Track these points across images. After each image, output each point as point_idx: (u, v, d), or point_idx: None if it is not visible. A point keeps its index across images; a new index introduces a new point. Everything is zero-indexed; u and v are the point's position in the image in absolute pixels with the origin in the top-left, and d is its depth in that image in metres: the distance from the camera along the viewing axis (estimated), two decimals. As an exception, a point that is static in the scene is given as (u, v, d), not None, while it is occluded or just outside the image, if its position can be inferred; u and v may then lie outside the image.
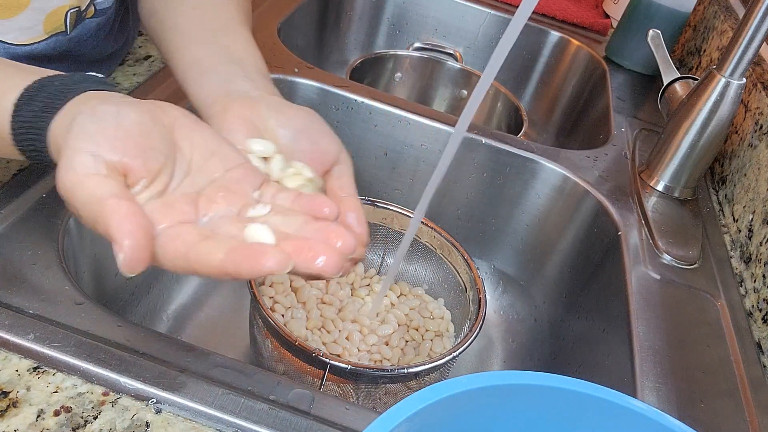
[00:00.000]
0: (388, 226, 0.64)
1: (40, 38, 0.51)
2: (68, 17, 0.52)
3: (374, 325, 0.58)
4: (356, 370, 0.48)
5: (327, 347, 0.55)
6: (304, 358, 0.49)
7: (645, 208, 0.68)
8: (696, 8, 1.04)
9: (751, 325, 0.58)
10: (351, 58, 1.11)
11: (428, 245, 0.63)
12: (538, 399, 0.30)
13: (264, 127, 0.42)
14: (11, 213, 0.47)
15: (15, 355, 0.39)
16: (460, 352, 0.51)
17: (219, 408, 0.38)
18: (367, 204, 0.63)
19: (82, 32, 0.54)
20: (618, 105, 0.89)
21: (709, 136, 0.68)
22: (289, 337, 0.48)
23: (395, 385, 0.52)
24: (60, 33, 0.52)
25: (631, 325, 0.54)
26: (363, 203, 0.62)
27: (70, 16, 0.52)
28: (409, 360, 0.57)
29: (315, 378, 0.50)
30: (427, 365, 0.49)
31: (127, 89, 0.64)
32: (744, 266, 0.64)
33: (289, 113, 0.43)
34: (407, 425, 0.26)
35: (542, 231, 0.75)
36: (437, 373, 0.53)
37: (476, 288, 0.57)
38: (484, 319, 0.54)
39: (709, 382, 0.51)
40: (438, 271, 0.64)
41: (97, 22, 0.55)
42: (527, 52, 1.08)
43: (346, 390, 0.52)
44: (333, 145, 0.43)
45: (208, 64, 0.47)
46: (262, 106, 0.43)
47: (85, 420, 0.37)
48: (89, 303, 0.43)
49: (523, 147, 0.73)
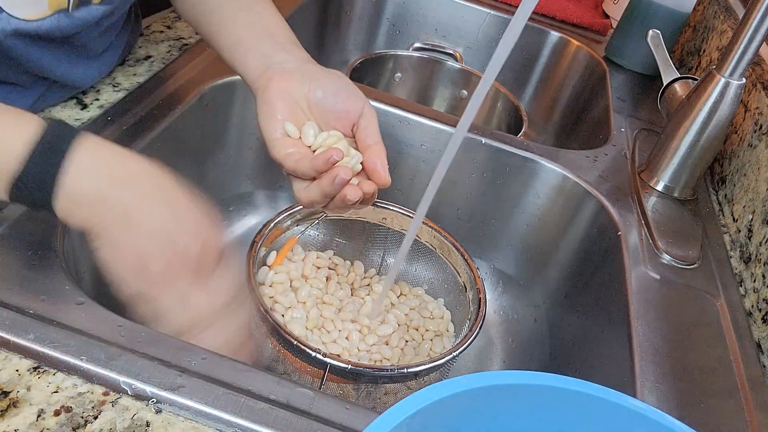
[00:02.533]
0: (388, 226, 0.64)
1: (45, 14, 0.51)
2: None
3: (374, 325, 0.58)
4: (356, 369, 0.48)
5: (326, 347, 0.55)
6: (304, 358, 0.49)
7: (645, 208, 0.68)
8: (696, 8, 1.04)
9: (750, 325, 0.58)
10: (351, 58, 1.11)
11: (428, 245, 0.63)
12: (538, 399, 0.30)
13: (299, 95, 0.51)
14: (11, 213, 0.47)
15: (15, 355, 0.39)
16: (460, 352, 0.51)
17: (219, 408, 0.38)
18: (366, 204, 0.63)
19: (88, 17, 0.54)
20: (618, 105, 0.90)
21: (709, 136, 0.68)
22: (289, 336, 0.48)
23: (395, 385, 0.52)
24: (62, 10, 0.52)
25: (631, 325, 0.54)
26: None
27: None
28: (409, 360, 0.57)
29: (315, 378, 0.50)
30: (427, 365, 0.49)
31: (128, 89, 0.64)
32: (744, 266, 0.64)
33: (322, 79, 0.51)
34: (407, 425, 0.26)
35: (542, 231, 0.75)
36: (437, 373, 0.53)
37: (476, 288, 0.57)
38: (484, 319, 0.54)
39: (708, 382, 0.51)
40: (438, 271, 0.64)
41: (104, 10, 0.56)
42: (527, 52, 1.08)
43: (346, 390, 0.52)
44: (359, 102, 0.52)
45: (248, 44, 0.54)
46: (297, 76, 0.51)
47: (85, 420, 0.37)
48: (89, 303, 0.43)
49: (522, 147, 0.73)
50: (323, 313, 0.58)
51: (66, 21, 0.53)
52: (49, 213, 0.40)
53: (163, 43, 0.73)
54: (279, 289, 0.58)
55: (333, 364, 0.47)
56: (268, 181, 0.80)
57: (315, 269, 0.62)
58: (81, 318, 0.41)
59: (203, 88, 0.67)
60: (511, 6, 1.10)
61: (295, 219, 0.60)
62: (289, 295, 0.58)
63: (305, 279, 0.61)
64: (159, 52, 0.71)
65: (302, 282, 0.60)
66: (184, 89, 0.66)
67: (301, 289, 0.59)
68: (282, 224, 0.59)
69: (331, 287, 0.61)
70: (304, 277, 0.60)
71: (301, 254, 0.62)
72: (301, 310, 0.57)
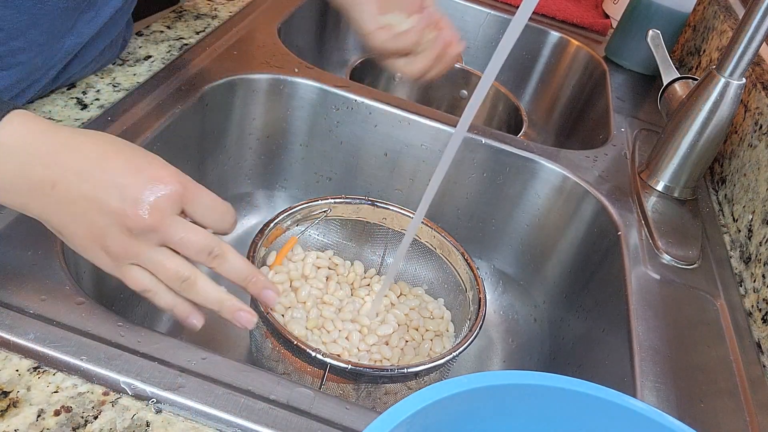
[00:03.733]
0: (388, 226, 0.64)
1: None
2: None
3: (374, 325, 0.58)
4: (356, 369, 0.48)
5: (326, 347, 0.55)
6: (303, 358, 0.49)
7: (645, 208, 0.68)
8: (696, 8, 1.04)
9: (750, 325, 0.58)
10: (351, 58, 1.11)
11: (428, 245, 0.63)
12: (537, 399, 0.30)
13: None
14: (11, 213, 0.47)
15: (15, 355, 0.39)
16: (460, 352, 0.51)
17: (219, 408, 0.38)
18: (366, 204, 0.63)
19: None
20: (618, 105, 0.90)
21: (709, 136, 0.68)
22: (289, 336, 0.48)
23: (395, 385, 0.52)
24: None
25: (631, 325, 0.54)
26: (362, 203, 0.63)
27: None
28: (409, 360, 0.57)
29: (315, 378, 0.50)
30: (427, 365, 0.49)
31: (127, 89, 0.64)
32: (744, 266, 0.64)
33: None
34: (407, 425, 0.26)
35: (542, 231, 0.75)
36: (437, 373, 0.53)
37: (476, 288, 0.57)
38: (484, 319, 0.54)
39: (708, 382, 0.51)
40: (438, 271, 0.64)
41: None
42: (527, 52, 1.08)
43: (346, 390, 0.52)
44: None
45: None
46: None
47: (85, 420, 0.37)
48: (89, 303, 0.43)
49: (522, 147, 0.73)
50: (323, 313, 0.58)
51: None
52: None
53: (163, 43, 0.73)
54: (279, 289, 0.58)
55: (333, 364, 0.47)
56: (268, 181, 0.80)
57: (315, 269, 0.62)
58: (81, 318, 0.41)
59: (203, 88, 0.67)
60: (511, 6, 1.10)
61: (295, 219, 0.60)
62: (289, 295, 0.58)
63: (305, 279, 0.61)
64: (159, 52, 0.71)
65: (302, 282, 0.60)
66: (184, 89, 0.66)
67: (301, 289, 0.59)
68: (282, 224, 0.59)
69: (331, 287, 0.61)
70: (304, 277, 0.60)
71: (301, 254, 0.62)
72: (301, 310, 0.57)
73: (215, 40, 0.76)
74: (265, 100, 0.74)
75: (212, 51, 0.74)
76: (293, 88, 0.74)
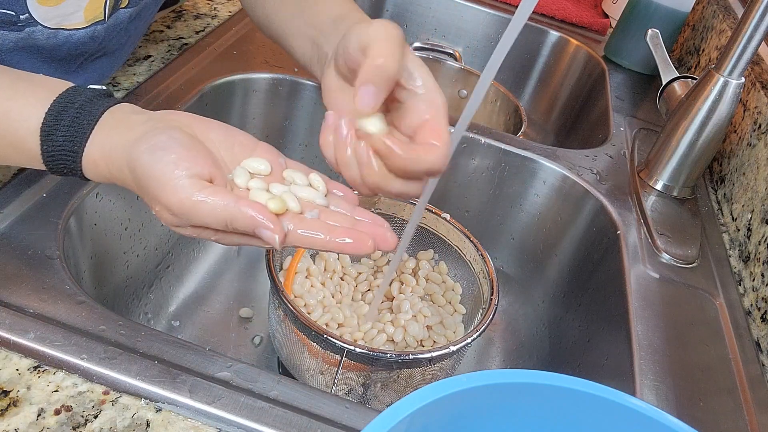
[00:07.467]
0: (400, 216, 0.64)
1: (81, 26, 0.51)
2: (107, 5, 0.52)
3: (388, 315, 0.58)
4: (373, 354, 0.48)
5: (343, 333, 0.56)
6: (321, 344, 0.49)
7: (644, 207, 0.69)
8: (695, 8, 1.04)
9: (749, 324, 0.58)
10: (350, 57, 1.11)
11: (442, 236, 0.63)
12: (537, 398, 0.30)
13: None
14: (11, 213, 0.47)
15: (15, 354, 0.39)
16: (474, 338, 0.51)
17: (219, 406, 0.39)
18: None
19: (116, 22, 0.55)
20: (617, 104, 0.90)
21: (708, 136, 0.68)
22: (307, 322, 0.48)
23: (411, 370, 0.52)
24: (99, 22, 0.52)
25: (630, 324, 0.54)
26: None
27: (108, 3, 0.52)
28: (429, 343, 0.57)
29: (332, 366, 0.50)
30: (443, 350, 0.49)
31: (127, 89, 0.64)
32: (743, 265, 0.65)
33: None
34: (407, 424, 0.26)
35: (541, 230, 0.75)
36: (451, 359, 0.53)
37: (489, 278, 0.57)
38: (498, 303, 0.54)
39: (707, 381, 0.51)
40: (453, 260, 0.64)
41: (129, 13, 0.56)
42: (527, 51, 1.08)
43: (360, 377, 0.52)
44: None
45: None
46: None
47: (85, 419, 0.37)
48: (89, 302, 0.43)
49: (522, 146, 0.73)
50: (343, 299, 0.59)
51: (100, 29, 0.53)
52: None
53: (163, 42, 0.73)
54: (298, 280, 0.58)
55: (350, 349, 0.47)
56: (267, 180, 0.80)
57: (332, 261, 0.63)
58: (81, 317, 0.41)
59: (203, 87, 0.67)
60: (511, 6, 1.10)
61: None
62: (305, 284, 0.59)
63: (324, 270, 0.62)
64: (159, 51, 0.71)
65: (320, 272, 0.61)
66: (184, 89, 0.66)
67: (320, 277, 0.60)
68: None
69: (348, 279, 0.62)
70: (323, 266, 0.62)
71: None
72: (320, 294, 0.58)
73: (215, 39, 0.76)
74: (265, 100, 0.74)
75: (212, 51, 0.74)
76: (294, 88, 0.75)
